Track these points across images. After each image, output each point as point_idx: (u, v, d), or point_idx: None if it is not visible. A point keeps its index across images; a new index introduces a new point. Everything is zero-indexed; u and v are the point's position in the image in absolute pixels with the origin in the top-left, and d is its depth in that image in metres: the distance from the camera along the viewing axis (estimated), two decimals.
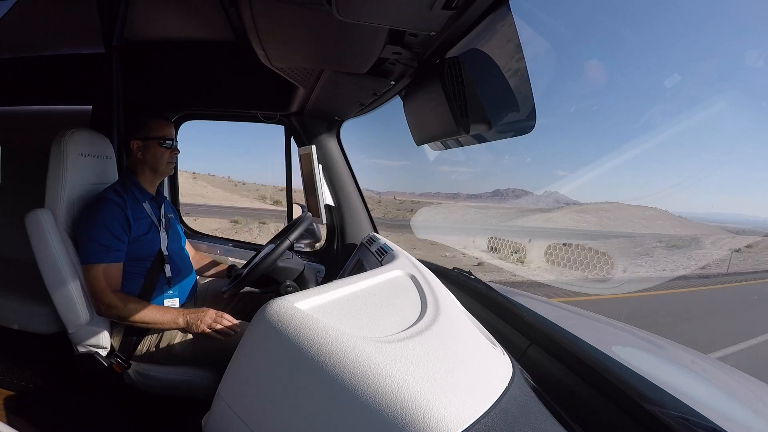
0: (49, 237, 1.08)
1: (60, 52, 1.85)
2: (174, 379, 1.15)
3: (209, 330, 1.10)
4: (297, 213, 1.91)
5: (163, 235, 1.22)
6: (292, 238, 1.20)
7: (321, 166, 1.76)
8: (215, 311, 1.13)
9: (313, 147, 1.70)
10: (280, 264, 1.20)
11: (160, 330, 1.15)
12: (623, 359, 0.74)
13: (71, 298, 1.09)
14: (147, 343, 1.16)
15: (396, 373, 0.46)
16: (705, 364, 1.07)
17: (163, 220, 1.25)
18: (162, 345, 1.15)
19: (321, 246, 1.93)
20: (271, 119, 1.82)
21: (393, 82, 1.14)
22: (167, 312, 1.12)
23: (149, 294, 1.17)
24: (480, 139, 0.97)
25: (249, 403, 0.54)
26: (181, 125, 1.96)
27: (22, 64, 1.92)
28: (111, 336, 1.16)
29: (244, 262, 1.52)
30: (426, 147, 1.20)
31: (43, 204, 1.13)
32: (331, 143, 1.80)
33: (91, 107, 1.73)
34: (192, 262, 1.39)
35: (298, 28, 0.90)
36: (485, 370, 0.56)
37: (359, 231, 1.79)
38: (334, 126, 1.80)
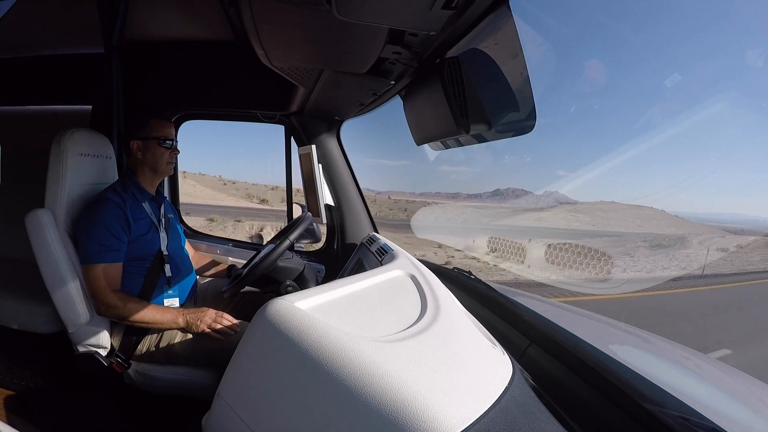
0: (49, 237, 1.08)
1: (60, 52, 1.85)
2: (174, 379, 1.15)
3: (209, 330, 1.10)
4: (297, 213, 1.91)
5: (163, 235, 1.22)
6: (292, 237, 1.21)
7: (321, 165, 1.76)
8: (215, 311, 1.13)
9: (313, 147, 1.70)
10: (280, 264, 1.20)
11: (160, 330, 1.15)
12: (623, 359, 0.74)
13: (71, 297, 1.09)
14: (147, 343, 1.16)
15: (396, 373, 0.46)
16: (705, 364, 1.07)
17: (163, 220, 1.25)
18: (162, 345, 1.15)
19: (321, 246, 1.93)
20: (271, 119, 1.82)
21: (393, 81, 1.14)
22: (167, 312, 1.12)
23: (149, 294, 1.17)
24: (480, 139, 0.97)
25: (249, 403, 0.54)
26: (181, 125, 1.97)
27: (22, 64, 1.92)
28: (111, 336, 1.16)
29: (244, 261, 1.52)
30: (426, 147, 1.20)
31: (43, 204, 1.13)
32: (331, 143, 1.80)
33: (91, 107, 1.73)
34: (192, 261, 1.39)
35: (298, 27, 0.90)
36: (485, 369, 0.56)
37: (359, 231, 1.79)
38: (334, 126, 1.81)
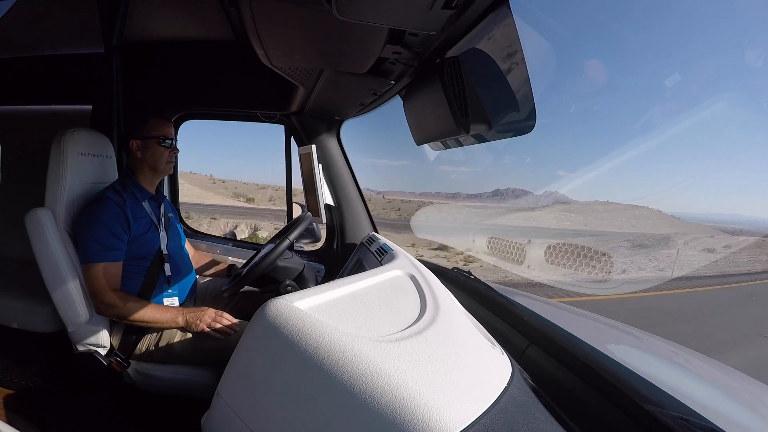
0: (49, 236, 1.08)
1: (60, 52, 1.85)
2: (173, 378, 1.15)
3: (209, 329, 1.10)
4: (297, 212, 1.91)
5: (163, 234, 1.22)
6: (291, 237, 1.21)
7: (321, 165, 1.76)
8: (215, 310, 1.13)
9: (313, 146, 1.70)
10: (279, 263, 1.20)
11: (159, 329, 1.15)
12: (622, 359, 0.74)
13: (71, 297, 1.09)
14: (146, 342, 1.16)
15: (395, 373, 0.46)
16: (704, 364, 1.07)
17: (163, 219, 1.25)
18: (161, 344, 1.15)
19: (321, 246, 1.93)
20: (271, 119, 1.82)
21: (393, 81, 1.14)
22: (167, 311, 1.12)
23: (149, 293, 1.18)
24: (480, 139, 0.97)
25: (248, 403, 0.54)
26: (181, 125, 1.96)
27: (22, 64, 1.92)
28: (110, 335, 1.16)
29: (243, 261, 1.52)
30: (426, 147, 1.20)
31: (43, 203, 1.13)
32: (331, 143, 1.80)
33: (91, 107, 1.73)
34: (191, 261, 1.40)
35: (298, 27, 0.90)
36: (484, 369, 0.56)
37: (359, 231, 1.79)
38: (334, 125, 1.80)
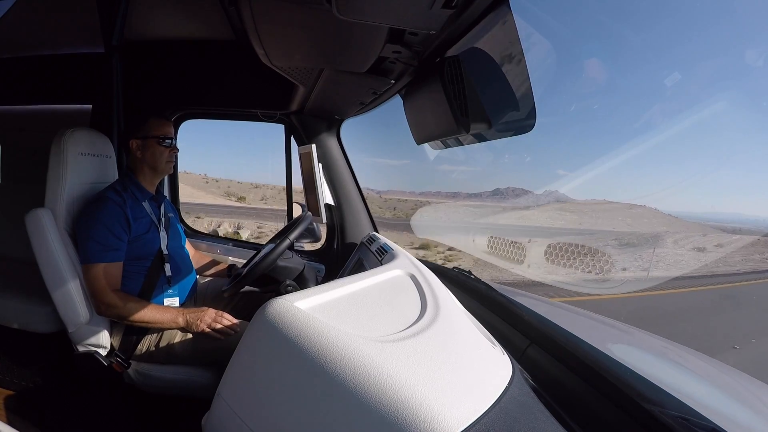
0: (49, 236, 1.08)
1: (60, 52, 1.85)
2: (174, 379, 1.15)
3: (209, 329, 1.10)
4: (297, 212, 1.91)
5: (163, 234, 1.22)
6: (292, 237, 1.21)
7: (321, 165, 1.76)
8: (215, 311, 1.13)
9: (313, 146, 1.70)
10: (280, 263, 1.20)
11: (159, 329, 1.15)
12: (623, 359, 0.74)
13: (71, 297, 1.09)
14: (147, 343, 1.16)
15: (396, 373, 0.46)
16: (705, 364, 1.07)
17: (163, 219, 1.25)
18: (162, 344, 1.15)
19: (321, 245, 1.93)
20: (271, 118, 1.82)
21: (393, 80, 1.14)
22: (167, 311, 1.12)
23: (149, 293, 1.17)
24: (480, 138, 0.97)
25: (249, 403, 0.54)
26: (181, 125, 1.96)
27: (22, 63, 1.92)
28: (111, 335, 1.16)
29: (243, 261, 1.52)
30: (426, 146, 1.20)
31: (43, 203, 1.13)
32: (331, 142, 1.80)
33: (91, 107, 1.73)
34: (192, 261, 1.39)
35: (298, 27, 0.90)
36: (485, 369, 0.56)
37: (359, 230, 1.79)
38: (334, 125, 1.80)
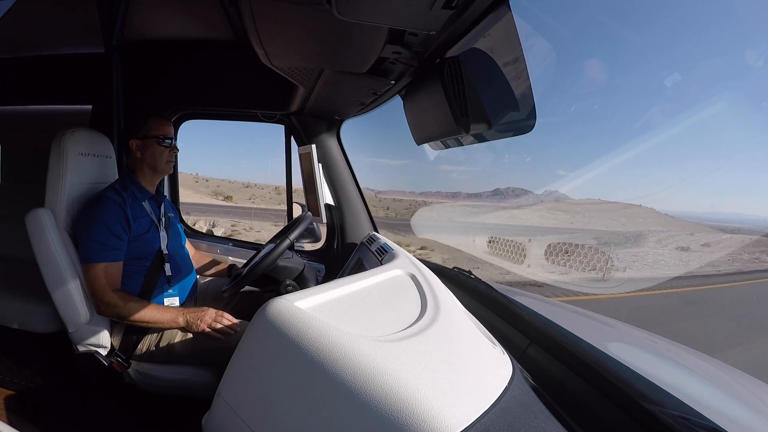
0: (49, 236, 1.08)
1: (60, 52, 1.85)
2: (174, 379, 1.15)
3: (209, 329, 1.10)
4: (297, 212, 1.91)
5: (163, 234, 1.22)
6: (292, 237, 1.21)
7: (321, 165, 1.76)
8: (215, 310, 1.13)
9: (313, 146, 1.70)
10: (280, 263, 1.20)
11: (160, 329, 1.15)
12: (623, 359, 0.74)
13: (71, 297, 1.09)
14: (147, 343, 1.16)
15: (396, 372, 0.46)
16: (705, 363, 1.07)
17: (163, 219, 1.25)
18: (162, 344, 1.15)
19: (321, 245, 1.93)
20: (271, 118, 1.82)
21: (393, 81, 1.14)
22: (167, 311, 1.12)
23: (149, 293, 1.18)
24: (480, 139, 0.97)
25: (249, 403, 0.54)
26: (180, 125, 1.96)
27: (22, 64, 1.92)
28: (111, 335, 1.16)
29: (244, 261, 1.52)
30: (426, 146, 1.20)
31: (43, 203, 1.13)
32: (331, 142, 1.80)
33: (91, 107, 1.73)
34: (192, 261, 1.39)
35: (298, 27, 0.90)
36: (485, 369, 0.56)
37: (359, 230, 1.79)
38: (334, 125, 1.80)
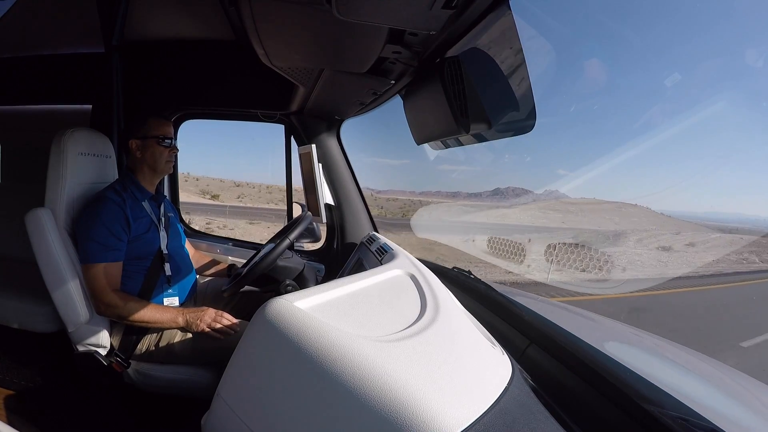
0: (49, 236, 1.08)
1: (60, 51, 1.85)
2: (173, 379, 1.15)
3: (209, 329, 1.10)
4: (297, 212, 1.91)
5: (163, 234, 1.22)
6: (292, 237, 1.21)
7: (321, 165, 1.76)
8: (215, 310, 1.13)
9: (313, 146, 1.70)
10: (279, 263, 1.20)
11: (159, 329, 1.15)
12: (623, 359, 0.74)
13: (71, 297, 1.09)
14: (147, 343, 1.16)
15: (395, 373, 0.46)
16: (705, 364, 1.07)
17: (163, 219, 1.25)
18: (162, 344, 1.15)
19: (321, 245, 1.93)
20: (271, 118, 1.82)
21: (393, 81, 1.14)
22: (167, 311, 1.12)
23: (149, 293, 1.18)
24: (480, 138, 0.97)
25: (248, 402, 0.54)
26: (180, 125, 1.96)
27: (22, 63, 1.92)
28: (111, 335, 1.16)
29: (243, 261, 1.52)
30: (426, 146, 1.20)
31: (43, 203, 1.13)
32: (331, 142, 1.80)
33: (91, 107, 1.73)
34: (192, 261, 1.39)
35: (298, 27, 0.90)
36: (485, 369, 0.56)
37: (359, 230, 1.79)
38: (334, 125, 1.80)
